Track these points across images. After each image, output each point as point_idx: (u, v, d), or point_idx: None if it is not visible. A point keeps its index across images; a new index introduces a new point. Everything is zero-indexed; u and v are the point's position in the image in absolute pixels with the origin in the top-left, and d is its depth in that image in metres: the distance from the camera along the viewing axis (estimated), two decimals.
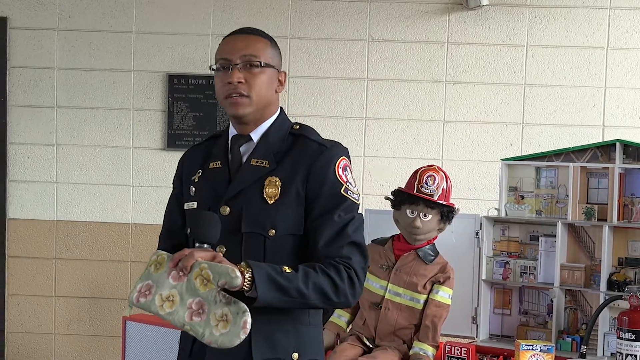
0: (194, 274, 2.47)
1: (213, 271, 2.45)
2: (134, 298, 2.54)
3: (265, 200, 2.71)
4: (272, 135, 2.83)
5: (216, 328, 2.44)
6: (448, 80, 6.47)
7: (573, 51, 6.41)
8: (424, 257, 4.34)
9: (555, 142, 6.32)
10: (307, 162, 2.75)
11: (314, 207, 2.72)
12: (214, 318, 2.45)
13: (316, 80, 6.52)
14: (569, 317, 4.54)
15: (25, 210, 6.64)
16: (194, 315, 2.46)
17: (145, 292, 2.53)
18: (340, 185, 2.75)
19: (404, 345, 4.30)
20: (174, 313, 2.48)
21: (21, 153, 6.62)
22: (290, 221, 2.71)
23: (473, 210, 5.94)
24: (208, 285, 2.45)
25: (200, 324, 2.45)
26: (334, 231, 2.69)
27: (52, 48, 6.60)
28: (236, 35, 2.84)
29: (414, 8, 6.48)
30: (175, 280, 2.50)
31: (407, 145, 6.48)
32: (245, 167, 2.77)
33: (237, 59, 2.75)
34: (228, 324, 2.44)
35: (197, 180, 2.85)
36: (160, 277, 2.52)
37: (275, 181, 2.72)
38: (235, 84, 2.73)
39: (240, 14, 6.51)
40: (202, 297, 2.46)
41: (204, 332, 2.45)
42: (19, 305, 6.68)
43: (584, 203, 4.50)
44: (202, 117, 6.50)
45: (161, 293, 2.50)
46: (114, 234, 6.60)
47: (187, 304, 2.47)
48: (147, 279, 2.54)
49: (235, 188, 2.74)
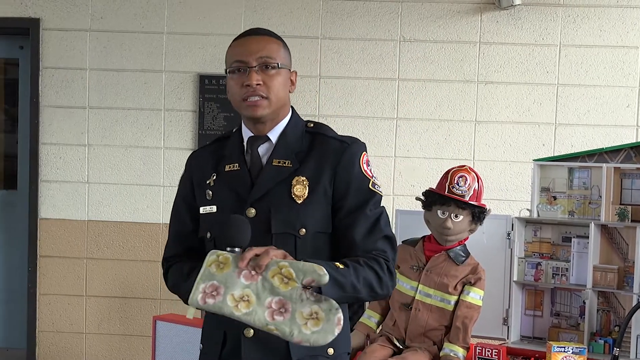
0: (271, 272, 2.42)
1: (296, 269, 2.41)
2: (199, 299, 2.43)
3: (294, 200, 2.70)
4: (289, 135, 2.81)
5: (305, 326, 2.39)
6: (480, 80, 6.43)
7: (607, 51, 6.36)
8: (454, 258, 4.31)
9: (588, 142, 6.28)
10: (332, 160, 2.75)
11: (343, 204, 2.73)
12: (301, 316, 2.39)
13: (347, 80, 6.50)
14: (601, 319, 4.49)
15: (57, 210, 6.67)
16: (275, 315, 2.40)
17: (211, 292, 2.43)
18: (367, 180, 2.77)
19: (434, 346, 4.28)
20: (252, 313, 2.40)
21: (53, 153, 6.65)
22: (319, 219, 2.71)
23: (505, 211, 5.91)
24: (290, 283, 2.40)
25: (285, 322, 2.39)
26: (368, 226, 2.71)
27: (85, 49, 6.64)
28: (250, 37, 2.80)
29: (445, 8, 6.45)
30: (248, 279, 2.42)
31: (439, 146, 6.45)
32: (268, 168, 2.76)
33: (253, 60, 2.72)
34: (320, 322, 2.39)
35: (212, 184, 2.82)
36: (228, 276, 2.43)
37: (303, 180, 2.72)
38: (254, 86, 2.70)
39: (271, 14, 6.51)
40: (284, 296, 2.40)
41: (292, 331, 2.38)
42: (50, 305, 6.72)
43: (617, 204, 4.45)
44: (232, 118, 6.50)
45: (233, 293, 2.42)
46: (144, 234, 6.62)
47: (265, 303, 2.40)
48: (210, 279, 2.44)
49: (261, 190, 2.73)
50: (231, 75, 2.76)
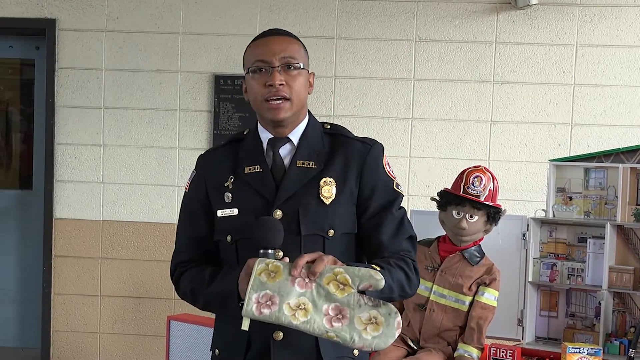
0: (326, 279, 2.40)
1: (352, 275, 2.40)
2: (254, 310, 2.39)
3: (322, 201, 2.70)
4: (310, 136, 2.80)
5: (365, 332, 2.38)
6: (496, 80, 6.41)
7: (624, 50, 6.32)
8: (469, 258, 4.30)
9: (605, 142, 6.24)
10: (357, 162, 2.75)
11: (369, 205, 2.73)
12: (360, 322, 2.38)
13: (362, 80, 6.49)
14: (616, 320, 4.47)
15: (72, 210, 6.69)
16: (333, 321, 2.38)
17: (266, 302, 2.39)
18: (392, 181, 2.79)
19: (449, 347, 4.27)
20: (310, 321, 2.38)
21: (68, 153, 6.66)
22: (346, 220, 2.71)
23: (520, 211, 5.89)
24: (346, 289, 2.39)
25: (344, 329, 2.38)
26: (394, 226, 2.73)
27: (100, 49, 6.65)
28: (271, 37, 2.78)
29: (461, 7, 6.43)
30: (303, 287, 2.40)
31: (454, 146, 6.43)
32: (293, 169, 2.74)
33: (276, 60, 2.70)
34: (379, 326, 2.38)
35: (231, 186, 2.78)
36: (282, 285, 2.40)
37: (330, 181, 2.71)
38: (277, 87, 2.68)
39: (287, 14, 6.50)
40: (340, 302, 2.39)
41: (353, 337, 2.38)
42: (64, 305, 6.73)
43: (634, 204, 4.43)
44: (247, 118, 6.50)
45: (288, 302, 2.39)
46: (159, 234, 6.62)
47: (322, 310, 2.39)
48: (262, 289, 2.41)
49: (288, 191, 2.70)
50: (252, 75, 2.74)
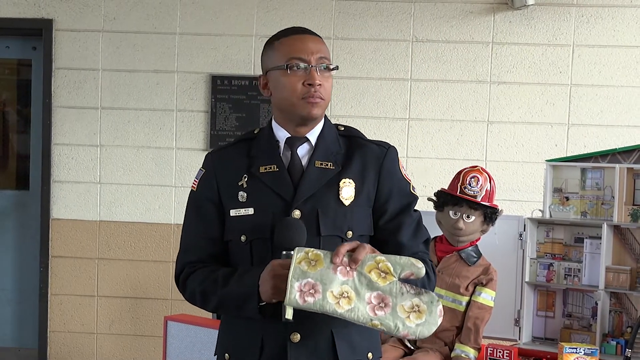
0: (368, 267, 2.40)
1: (393, 263, 2.41)
2: (297, 298, 2.38)
3: (341, 203, 2.69)
4: (327, 137, 2.79)
5: (408, 320, 2.38)
6: (493, 80, 6.41)
7: (620, 51, 6.33)
8: (466, 258, 4.30)
9: (602, 143, 6.25)
10: (374, 164, 2.76)
11: (388, 207, 2.73)
12: (402, 310, 2.39)
13: (359, 80, 6.49)
14: (613, 320, 4.48)
15: (69, 211, 6.68)
16: (376, 310, 2.39)
17: (309, 291, 2.38)
18: (408, 184, 2.81)
19: (446, 347, 4.27)
20: (354, 310, 2.38)
21: (65, 154, 6.66)
22: (363, 222, 2.70)
23: (517, 211, 5.88)
24: (387, 277, 2.40)
25: (387, 317, 2.38)
26: (413, 228, 2.74)
27: (97, 49, 6.65)
28: (305, 35, 2.77)
29: (458, 8, 6.44)
30: (345, 275, 2.40)
31: (451, 146, 6.43)
32: (311, 169, 2.71)
33: (314, 60, 2.70)
34: (422, 314, 2.39)
35: (246, 186, 2.74)
36: (324, 273, 2.40)
37: (350, 183, 2.71)
38: (317, 87, 2.68)
39: (283, 14, 6.50)
40: (383, 290, 2.39)
41: (397, 325, 2.38)
42: (61, 305, 6.73)
43: (630, 205, 4.44)
44: (244, 118, 6.50)
45: (332, 290, 2.39)
46: (156, 234, 6.62)
47: (365, 299, 2.39)
48: (304, 277, 2.39)
49: (307, 191, 2.68)
50: (287, 72, 2.70)
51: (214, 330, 4.84)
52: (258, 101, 6.48)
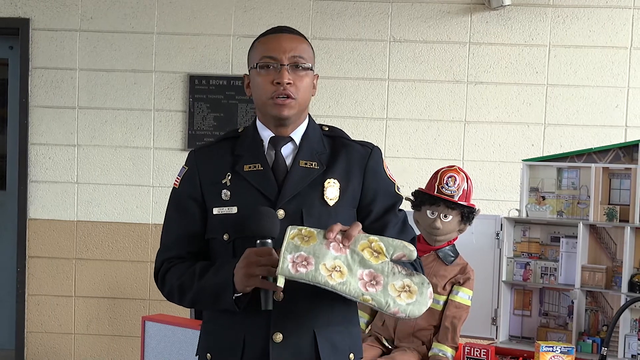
0: (361, 245, 2.43)
1: (386, 244, 2.45)
2: (290, 268, 2.39)
3: (325, 202, 2.68)
4: (311, 137, 2.78)
5: (399, 298, 2.41)
6: (470, 80, 6.44)
7: (596, 51, 6.37)
8: (444, 258, 4.31)
9: (577, 142, 6.28)
10: (359, 164, 2.75)
11: (373, 208, 2.74)
12: (393, 289, 2.41)
13: (337, 80, 6.50)
14: (589, 319, 4.50)
15: (46, 211, 6.66)
16: (368, 286, 2.41)
17: (302, 262, 2.40)
18: (392, 184, 2.81)
19: (423, 346, 4.28)
20: (346, 283, 2.40)
21: (42, 154, 6.64)
22: (347, 222, 2.63)
23: (494, 211, 5.92)
24: (380, 257, 2.43)
25: (379, 293, 2.41)
26: (399, 227, 2.74)
27: (74, 49, 6.63)
28: (282, 34, 2.76)
29: (435, 8, 6.46)
30: (338, 251, 2.43)
31: (428, 146, 6.46)
32: (296, 169, 2.71)
33: (285, 59, 2.68)
34: (413, 294, 2.41)
35: (229, 184, 2.73)
36: (317, 248, 2.42)
37: (335, 183, 2.70)
38: (285, 85, 2.66)
39: (262, 14, 6.50)
40: (375, 269, 2.42)
41: (388, 302, 2.40)
42: (38, 305, 6.70)
43: (606, 204, 4.46)
44: (222, 118, 6.50)
45: (324, 263, 2.41)
46: (134, 234, 6.61)
47: (357, 275, 2.41)
48: (297, 251, 2.42)
49: (291, 191, 2.68)
50: (259, 71, 2.70)
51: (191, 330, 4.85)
52: (236, 101, 6.48)
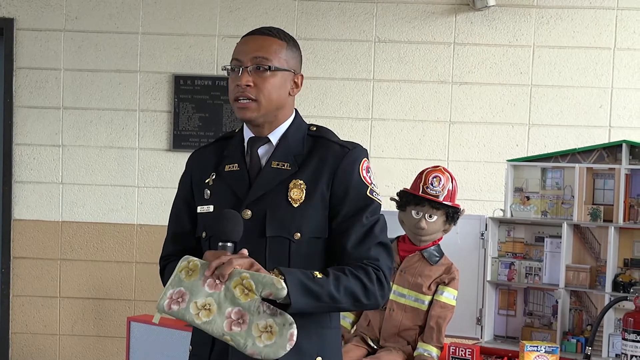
0: (234, 282, 2.42)
1: (256, 281, 2.41)
2: (165, 305, 2.46)
3: (290, 204, 2.66)
4: (290, 138, 2.77)
5: (259, 339, 2.40)
6: (454, 81, 6.45)
7: (580, 52, 6.39)
8: (429, 258, 4.33)
9: (562, 143, 6.30)
10: (331, 165, 2.71)
11: (340, 209, 2.68)
12: (257, 329, 2.40)
13: (322, 81, 6.51)
14: (573, 318, 4.52)
15: (31, 211, 6.64)
16: (233, 325, 2.41)
17: (177, 299, 2.45)
18: (366, 187, 2.72)
19: (409, 346, 4.29)
20: (211, 322, 2.42)
21: (27, 154, 6.62)
22: (315, 224, 2.67)
23: (478, 211, 5.92)
24: (250, 295, 2.41)
25: (240, 334, 2.41)
26: (362, 233, 2.66)
27: (59, 49, 6.61)
28: (251, 35, 2.76)
29: (420, 9, 6.47)
30: (212, 288, 2.43)
31: (413, 146, 6.47)
32: (267, 169, 2.72)
33: (247, 61, 2.68)
34: (273, 336, 2.40)
35: (211, 184, 2.78)
36: (194, 284, 2.45)
37: (300, 184, 2.68)
38: (244, 87, 2.66)
39: (246, 14, 6.50)
40: (243, 307, 2.41)
41: (246, 343, 2.40)
42: (23, 306, 6.68)
43: (590, 204, 4.49)
44: (207, 118, 6.49)
45: (196, 301, 2.43)
46: (119, 234, 6.59)
47: (225, 313, 2.42)
48: (178, 286, 2.46)
49: (258, 191, 2.68)
50: (229, 74, 2.73)
51: (176, 330, 4.86)
52: (221, 101, 6.47)
